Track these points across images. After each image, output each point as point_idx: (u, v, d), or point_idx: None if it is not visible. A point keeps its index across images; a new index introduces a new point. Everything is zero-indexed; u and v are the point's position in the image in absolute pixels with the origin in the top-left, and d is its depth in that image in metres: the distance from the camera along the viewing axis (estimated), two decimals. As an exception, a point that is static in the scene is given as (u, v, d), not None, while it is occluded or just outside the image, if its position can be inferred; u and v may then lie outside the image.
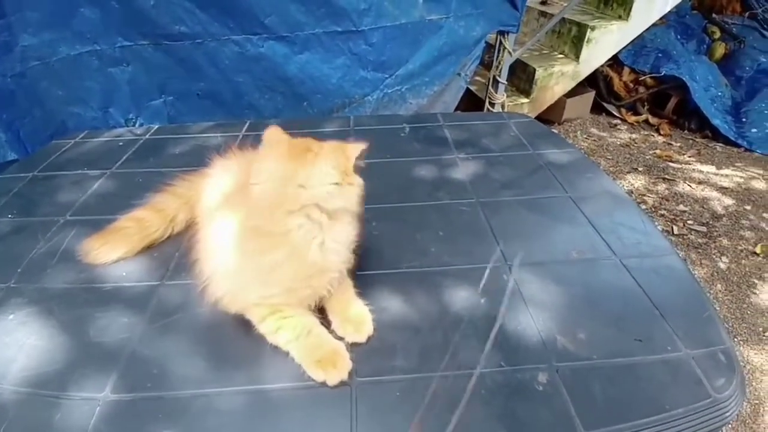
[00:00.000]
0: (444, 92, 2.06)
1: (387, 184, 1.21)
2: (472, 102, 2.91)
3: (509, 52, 2.12)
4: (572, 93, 3.38)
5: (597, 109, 3.70)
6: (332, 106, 1.83)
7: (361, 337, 0.77)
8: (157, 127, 1.52)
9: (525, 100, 3.08)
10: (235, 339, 0.77)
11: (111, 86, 1.67)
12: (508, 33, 2.06)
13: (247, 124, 1.53)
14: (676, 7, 3.25)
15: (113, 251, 0.94)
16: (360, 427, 0.66)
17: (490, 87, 2.32)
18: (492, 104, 2.32)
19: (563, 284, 0.89)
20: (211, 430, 0.67)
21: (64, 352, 0.78)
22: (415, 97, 1.97)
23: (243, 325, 0.78)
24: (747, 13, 3.95)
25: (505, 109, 2.45)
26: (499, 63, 2.17)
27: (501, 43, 2.10)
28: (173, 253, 0.98)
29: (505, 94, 2.36)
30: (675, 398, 0.69)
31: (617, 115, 3.67)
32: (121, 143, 1.43)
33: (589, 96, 3.63)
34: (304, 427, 0.67)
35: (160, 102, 1.72)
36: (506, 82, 2.27)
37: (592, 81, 3.60)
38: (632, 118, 3.62)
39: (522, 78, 3.10)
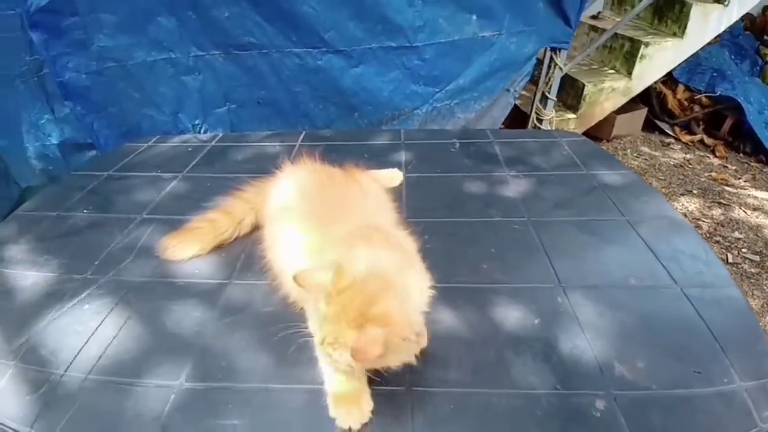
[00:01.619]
0: (492, 107, 2.07)
1: (438, 198, 1.24)
2: (516, 117, 2.89)
3: (560, 68, 2.11)
4: (623, 109, 3.29)
5: (648, 126, 3.58)
6: (382, 118, 1.89)
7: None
8: (221, 135, 1.63)
9: (572, 116, 3.03)
10: (298, 338, 0.81)
11: (182, 93, 1.80)
12: (559, 49, 2.05)
13: (303, 134, 1.61)
14: (730, 27, 3.12)
15: (188, 249, 1.02)
16: (416, 434, 0.68)
17: (538, 103, 2.30)
18: (540, 120, 2.30)
19: (620, 310, 0.88)
20: (273, 424, 0.72)
21: (140, 341, 0.85)
22: (463, 111, 1.99)
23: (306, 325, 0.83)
24: None
25: (553, 126, 2.42)
26: (549, 79, 2.16)
27: (552, 59, 2.09)
28: (239, 254, 1.05)
29: (554, 111, 2.33)
30: (727, 430, 0.68)
31: (670, 133, 3.54)
32: (189, 149, 1.54)
33: (641, 113, 3.51)
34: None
35: (224, 110, 1.84)
36: (555, 98, 2.25)
37: (644, 98, 3.49)
38: (687, 138, 3.47)
39: (570, 93, 3.05)
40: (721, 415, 0.71)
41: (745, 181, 2.99)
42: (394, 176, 1.30)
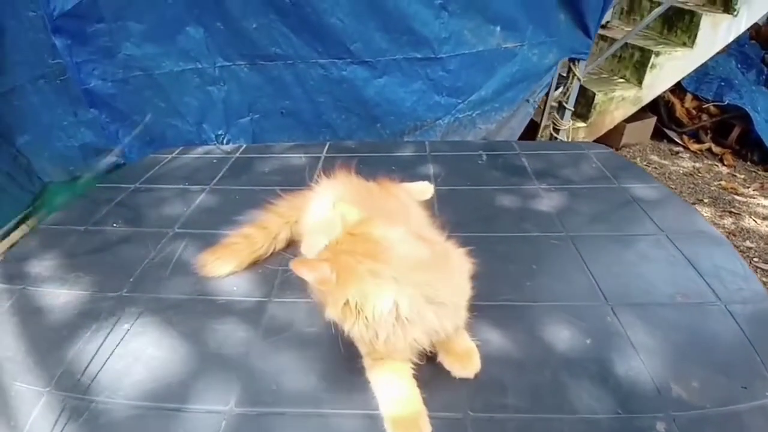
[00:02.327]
0: (512, 118, 2.07)
1: (471, 212, 1.23)
2: (527, 126, 2.90)
3: (578, 79, 2.11)
4: (632, 118, 3.30)
5: (657, 135, 3.59)
6: (404, 129, 1.88)
7: (469, 374, 0.78)
8: (244, 146, 1.62)
9: (582, 125, 3.03)
10: (348, 360, 0.80)
11: (207, 103, 1.79)
12: (578, 60, 2.06)
13: (327, 146, 1.60)
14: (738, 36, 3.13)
15: (225, 265, 1.01)
16: (479, 462, 0.67)
17: (555, 113, 2.30)
18: (557, 130, 2.30)
19: (670, 328, 0.87)
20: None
21: (185, 364, 0.82)
22: (484, 122, 1.99)
23: (355, 346, 0.81)
24: None
25: (569, 135, 2.43)
26: (567, 89, 2.16)
27: (570, 69, 2.10)
28: (276, 270, 1.03)
29: (571, 121, 2.34)
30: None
31: (679, 142, 3.55)
32: (214, 160, 1.53)
33: (651, 121, 3.53)
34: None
35: (247, 120, 1.83)
36: (573, 109, 2.25)
37: (652, 107, 3.51)
38: (695, 146, 3.49)
39: (580, 102, 3.04)
40: (763, 429, 0.71)
41: (754, 190, 3.00)
42: (425, 189, 1.29)
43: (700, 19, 2.86)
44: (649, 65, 3.00)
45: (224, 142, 1.82)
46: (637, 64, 3.11)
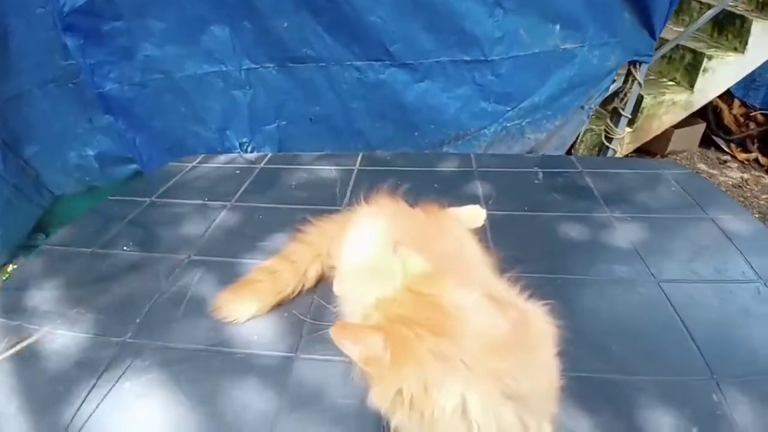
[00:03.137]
0: (564, 127, 1.86)
1: (531, 246, 1.04)
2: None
3: (639, 84, 1.88)
4: (680, 124, 3.06)
5: (704, 143, 3.34)
6: (445, 138, 1.70)
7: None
8: (269, 155, 1.46)
9: (627, 129, 2.80)
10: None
11: (232, 109, 1.63)
12: (640, 63, 1.83)
13: (360, 157, 1.43)
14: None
15: (246, 308, 0.85)
16: None
17: (609, 121, 2.08)
18: (609, 139, 2.08)
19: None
20: None
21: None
22: (534, 131, 1.79)
23: None
24: None
25: (624, 147, 2.20)
26: (625, 95, 1.93)
27: (630, 73, 1.88)
28: (305, 315, 0.87)
29: (626, 129, 2.11)
30: None
31: (726, 150, 3.30)
32: (237, 171, 1.38)
33: (700, 128, 3.28)
34: None
35: (274, 126, 1.67)
36: (630, 116, 2.03)
37: (700, 113, 3.25)
38: (742, 155, 3.25)
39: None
40: None
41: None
42: (476, 215, 1.10)
43: (750, 24, 2.68)
44: (702, 68, 2.78)
45: (249, 150, 1.67)
46: (688, 66, 2.88)
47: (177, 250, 1.05)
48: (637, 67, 1.85)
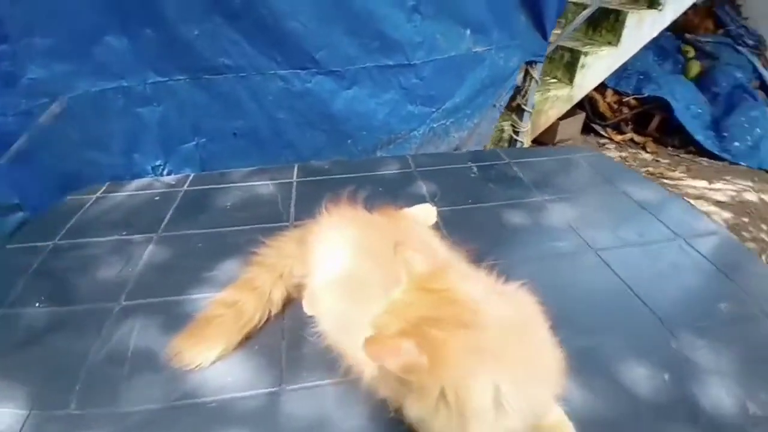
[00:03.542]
0: (481, 124, 1.99)
1: (486, 235, 1.09)
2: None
3: (536, 81, 2.10)
4: (564, 116, 3.46)
5: (585, 130, 3.82)
6: (377, 143, 1.70)
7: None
8: (192, 175, 1.31)
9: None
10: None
11: (137, 129, 1.44)
12: (536, 63, 2.04)
13: (296, 168, 1.36)
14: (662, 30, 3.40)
15: (210, 350, 0.75)
16: None
17: (514, 116, 2.28)
18: (516, 132, 2.29)
19: (729, 343, 0.81)
20: None
21: None
22: (457, 130, 1.88)
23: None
24: (720, 31, 4.22)
25: (528, 138, 2.43)
26: (526, 92, 2.14)
27: (527, 72, 2.08)
28: (278, 343, 0.80)
29: (530, 124, 2.34)
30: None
31: (604, 134, 3.82)
32: (156, 197, 1.22)
33: (580, 117, 3.74)
34: None
35: (192, 145, 1.50)
36: (531, 110, 2.25)
37: (579, 104, 3.72)
38: (618, 137, 3.77)
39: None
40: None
41: (681, 173, 3.27)
42: (428, 213, 1.12)
43: (625, 17, 3.02)
44: (579, 65, 3.14)
45: (164, 173, 1.49)
46: (567, 64, 3.24)
47: (101, 298, 0.88)
48: (534, 66, 2.06)
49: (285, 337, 0.81)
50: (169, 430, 0.66)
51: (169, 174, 1.49)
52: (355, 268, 0.75)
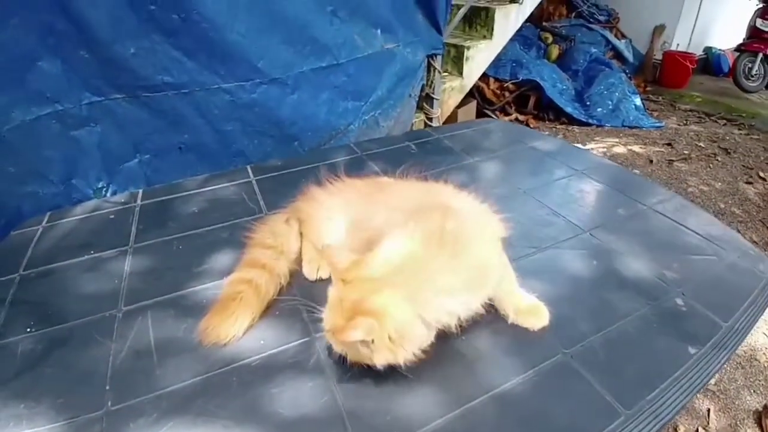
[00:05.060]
0: (402, 113, 2.20)
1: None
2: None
3: (438, 72, 2.39)
4: (460, 104, 3.90)
5: (478, 114, 4.33)
6: (321, 141, 1.79)
7: (544, 323, 0.84)
8: (141, 190, 1.29)
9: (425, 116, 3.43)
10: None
11: (75, 153, 1.35)
12: (436, 55, 2.33)
13: (250, 169, 1.42)
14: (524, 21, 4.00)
15: (241, 322, 0.81)
16: None
17: (424, 104, 2.55)
18: (430, 118, 2.56)
19: (636, 234, 1.10)
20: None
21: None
22: (385, 120, 2.06)
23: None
24: (573, 14, 5.05)
25: (441, 122, 2.72)
26: (431, 82, 2.42)
27: (431, 64, 2.36)
28: (296, 306, 0.88)
29: (440, 110, 2.62)
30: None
31: (493, 117, 4.36)
32: (111, 215, 1.18)
33: (473, 104, 4.21)
34: None
35: (135, 163, 1.44)
36: (438, 97, 2.53)
37: (470, 92, 4.21)
38: (505, 119, 4.33)
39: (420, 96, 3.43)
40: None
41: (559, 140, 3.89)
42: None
43: (494, 12, 3.49)
44: (465, 58, 3.55)
45: (108, 194, 1.41)
46: (455, 58, 3.63)
47: (96, 310, 0.87)
48: (435, 58, 2.34)
49: (296, 297, 0.89)
50: (218, 396, 0.71)
51: (114, 194, 1.42)
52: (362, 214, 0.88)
